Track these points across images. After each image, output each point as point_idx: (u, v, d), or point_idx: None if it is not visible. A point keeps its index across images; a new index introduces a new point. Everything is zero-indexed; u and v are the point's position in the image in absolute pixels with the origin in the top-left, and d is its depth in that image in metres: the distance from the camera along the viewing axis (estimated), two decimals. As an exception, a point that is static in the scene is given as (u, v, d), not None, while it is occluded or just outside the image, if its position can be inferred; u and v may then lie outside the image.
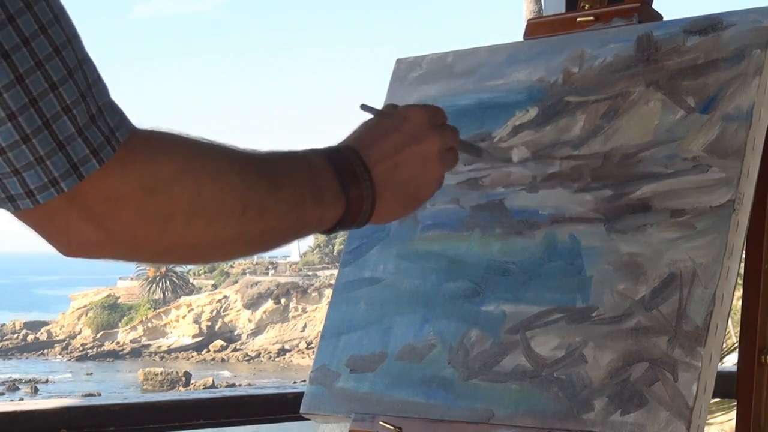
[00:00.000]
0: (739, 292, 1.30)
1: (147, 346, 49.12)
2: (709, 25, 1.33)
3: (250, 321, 48.76)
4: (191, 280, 55.77)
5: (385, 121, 1.18)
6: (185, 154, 0.93)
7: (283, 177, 1.02)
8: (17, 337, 52.16)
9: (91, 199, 0.86)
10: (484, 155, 1.42)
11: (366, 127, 1.19)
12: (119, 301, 53.52)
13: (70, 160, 0.83)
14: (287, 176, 1.03)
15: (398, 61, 1.66)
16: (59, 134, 0.82)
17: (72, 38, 0.84)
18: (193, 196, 0.91)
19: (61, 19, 0.83)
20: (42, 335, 52.15)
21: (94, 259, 0.93)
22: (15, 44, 0.79)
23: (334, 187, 1.08)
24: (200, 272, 56.78)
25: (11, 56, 0.79)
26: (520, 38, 1.54)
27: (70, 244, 0.90)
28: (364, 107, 1.21)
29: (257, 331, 48.58)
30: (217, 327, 48.89)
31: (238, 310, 49.08)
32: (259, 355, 47.24)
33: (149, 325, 49.67)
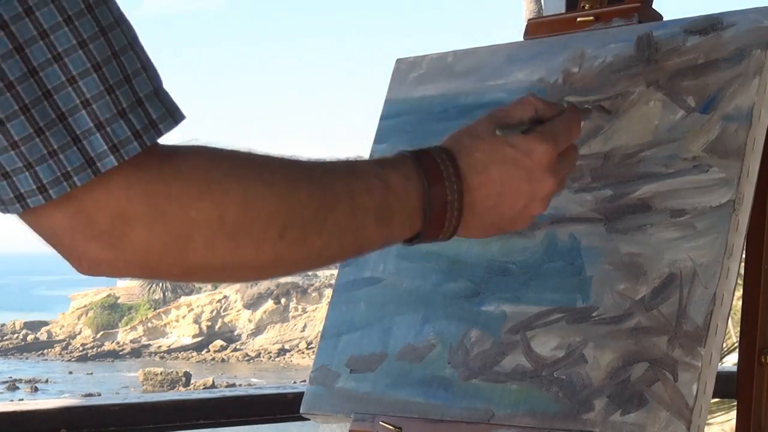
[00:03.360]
0: (739, 292, 1.30)
1: (147, 346, 49.11)
2: (709, 25, 1.33)
3: (250, 321, 48.76)
4: (191, 280, 55.67)
5: (507, 148, 1.07)
6: (206, 176, 0.85)
7: (341, 197, 0.94)
8: (17, 337, 52.16)
9: (96, 217, 0.82)
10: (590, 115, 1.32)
11: (485, 143, 1.07)
12: (119, 301, 53.53)
13: (61, 167, 0.79)
14: (347, 197, 0.94)
15: (398, 61, 1.66)
16: (76, 128, 0.78)
17: (108, 28, 0.80)
18: (214, 220, 0.85)
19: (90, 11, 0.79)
20: (42, 335, 52.15)
21: (110, 277, 0.88)
22: (31, 37, 0.77)
23: (410, 209, 1.00)
24: (200, 272, 56.67)
25: (25, 49, 0.77)
26: (520, 38, 1.54)
27: (81, 263, 0.86)
28: (599, 108, 1.14)
29: (257, 331, 48.58)
30: (217, 327, 48.89)
31: (238, 310, 49.08)
32: (259, 355, 47.23)
33: (149, 325, 49.67)
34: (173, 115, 0.82)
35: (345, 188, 0.95)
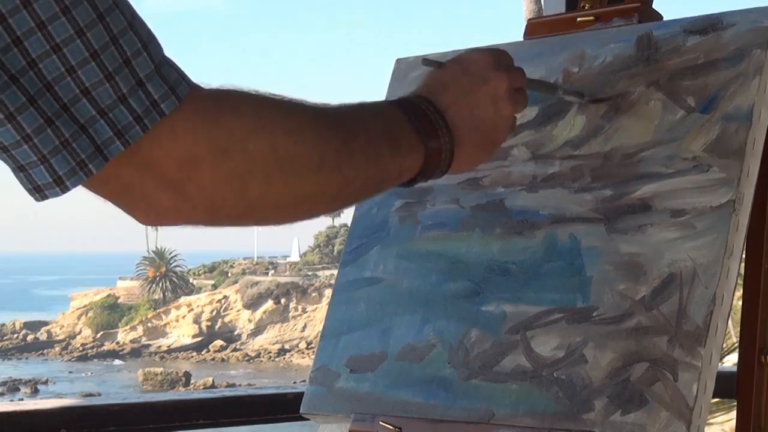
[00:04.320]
0: (739, 292, 1.30)
1: (147, 346, 49.10)
2: (709, 25, 1.33)
3: (250, 321, 48.75)
4: (191, 280, 55.77)
5: (450, 67, 1.19)
6: (257, 110, 0.91)
7: (357, 128, 1.01)
8: (17, 337, 52.13)
9: (165, 166, 0.85)
10: (559, 92, 1.39)
11: (433, 76, 1.19)
12: (119, 301, 53.51)
13: (93, 142, 0.81)
14: (362, 127, 1.02)
15: (398, 61, 1.66)
16: (79, 117, 0.81)
17: (106, 13, 0.81)
18: (269, 153, 0.90)
19: None
20: (42, 335, 52.13)
21: (173, 225, 0.92)
22: (29, 28, 0.78)
23: (410, 137, 1.07)
24: (200, 272, 56.78)
25: (23, 42, 0.78)
26: (520, 38, 1.54)
27: (148, 213, 0.89)
28: (426, 62, 1.22)
29: (257, 331, 48.57)
30: (217, 327, 48.88)
31: (238, 310, 49.07)
32: (259, 355, 47.22)
33: (149, 325, 49.65)
34: (176, 91, 0.85)
35: (357, 121, 1.03)
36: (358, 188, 1.02)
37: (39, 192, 0.84)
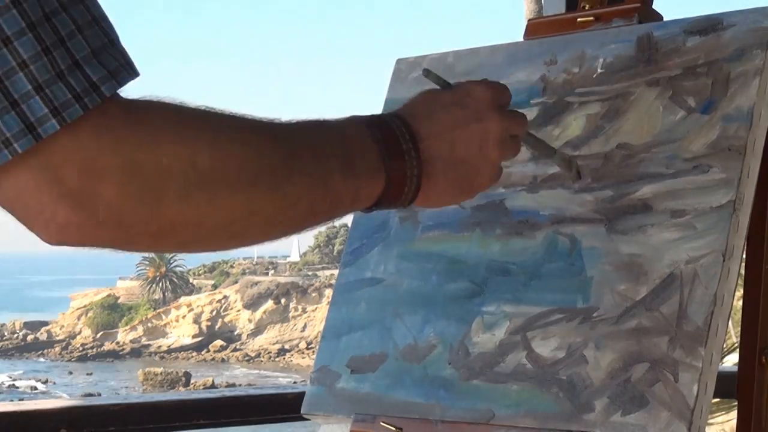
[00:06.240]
0: (739, 293, 1.30)
1: (147, 346, 49.12)
2: (709, 26, 1.33)
3: (250, 321, 48.77)
4: (191, 280, 55.78)
5: (445, 94, 1.09)
6: (174, 121, 0.83)
7: (303, 147, 0.92)
8: (17, 337, 52.15)
9: (64, 173, 0.77)
10: (555, 157, 1.32)
11: (424, 97, 1.09)
12: (119, 301, 53.52)
13: (25, 119, 0.74)
14: (309, 146, 0.93)
15: (398, 61, 1.66)
16: (13, 91, 0.75)
17: None
18: (187, 167, 0.81)
19: None
20: (42, 335, 52.15)
21: (80, 246, 0.82)
22: None
23: (371, 159, 0.97)
24: (200, 272, 56.80)
25: None
26: (520, 38, 1.54)
27: (48, 227, 0.80)
28: (428, 73, 1.12)
29: (257, 331, 48.59)
30: (217, 327, 48.90)
31: (238, 310, 49.09)
32: (259, 355, 47.24)
33: (149, 325, 49.67)
34: (116, 77, 0.79)
35: (304, 138, 0.94)
36: (302, 211, 0.93)
37: None
